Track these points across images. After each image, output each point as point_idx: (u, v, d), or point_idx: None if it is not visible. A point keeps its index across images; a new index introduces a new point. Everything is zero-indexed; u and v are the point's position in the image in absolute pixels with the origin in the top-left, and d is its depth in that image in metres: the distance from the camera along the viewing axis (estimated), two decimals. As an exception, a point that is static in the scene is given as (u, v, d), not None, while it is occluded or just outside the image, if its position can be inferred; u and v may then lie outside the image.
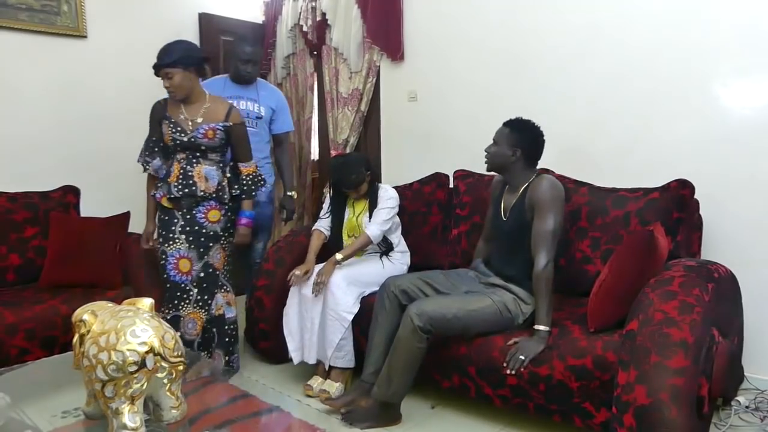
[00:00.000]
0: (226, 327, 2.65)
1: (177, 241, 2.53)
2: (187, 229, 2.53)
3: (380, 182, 2.89)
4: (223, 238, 2.61)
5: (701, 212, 2.51)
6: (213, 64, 3.98)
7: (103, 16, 3.46)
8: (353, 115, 3.77)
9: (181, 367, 1.55)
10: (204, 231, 2.55)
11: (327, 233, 2.86)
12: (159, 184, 2.58)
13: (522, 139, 2.31)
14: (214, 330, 2.62)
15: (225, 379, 2.20)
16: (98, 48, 3.45)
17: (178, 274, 2.53)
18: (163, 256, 2.54)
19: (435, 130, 3.48)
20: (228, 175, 2.62)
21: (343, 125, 3.82)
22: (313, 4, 3.93)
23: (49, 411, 1.78)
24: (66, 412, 1.75)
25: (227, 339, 2.65)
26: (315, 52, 4.06)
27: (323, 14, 3.84)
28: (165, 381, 1.53)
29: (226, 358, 2.65)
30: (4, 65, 3.16)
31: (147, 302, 1.62)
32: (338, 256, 2.65)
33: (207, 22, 3.97)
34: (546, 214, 2.20)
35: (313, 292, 2.60)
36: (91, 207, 3.16)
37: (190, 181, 2.52)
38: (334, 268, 2.62)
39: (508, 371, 2.10)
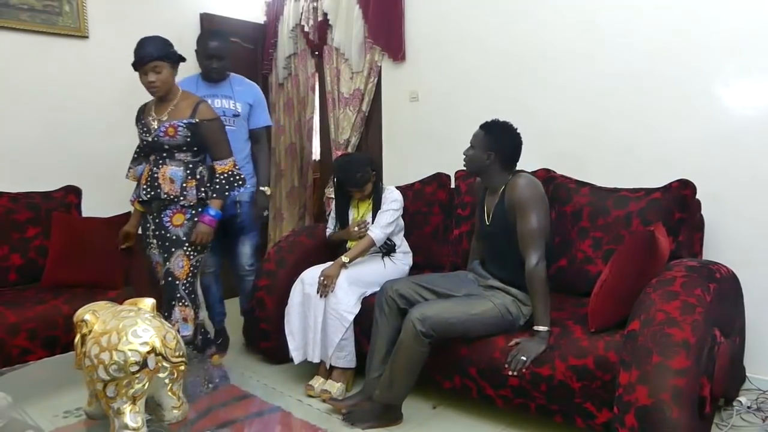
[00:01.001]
0: None
1: (151, 245, 2.53)
2: (157, 233, 2.49)
3: (382, 182, 2.90)
4: (186, 245, 2.47)
5: (703, 212, 2.50)
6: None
7: (104, 17, 3.47)
8: (354, 115, 3.77)
9: (182, 368, 1.56)
10: (168, 235, 2.46)
11: None
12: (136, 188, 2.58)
13: (496, 141, 2.29)
14: None
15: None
16: (99, 48, 3.46)
17: (160, 279, 2.55)
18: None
19: (436, 131, 3.48)
20: (198, 176, 2.50)
21: (344, 125, 3.82)
22: (315, 4, 3.93)
23: (51, 411, 1.79)
24: (68, 412, 1.76)
25: None
26: (316, 53, 4.06)
27: (325, 14, 3.84)
28: (166, 381, 1.54)
29: None
30: (6, 65, 3.16)
31: (148, 302, 1.62)
32: (344, 258, 2.65)
33: (208, 22, 3.97)
34: (527, 214, 2.19)
35: (318, 293, 2.60)
36: (92, 207, 3.16)
37: (155, 183, 2.45)
38: (340, 270, 2.63)
39: (510, 372, 2.10)
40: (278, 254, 2.96)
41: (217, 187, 2.50)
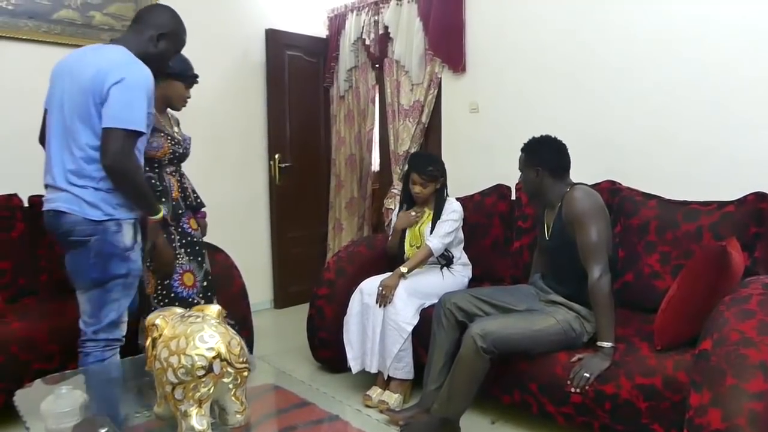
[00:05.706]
0: None
1: (178, 256, 2.47)
2: (183, 242, 2.49)
3: (447, 193, 2.89)
4: (205, 245, 2.63)
5: (782, 227, 2.37)
6: (278, 76, 4.12)
7: (176, 35, 3.63)
8: (414, 126, 3.79)
9: (246, 373, 1.60)
10: (195, 240, 2.53)
11: None
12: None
13: (537, 155, 2.29)
14: None
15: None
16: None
17: (185, 289, 2.47)
18: None
19: (497, 142, 3.44)
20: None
21: (404, 137, 3.85)
22: (376, 17, 3.99)
23: (123, 410, 1.87)
24: (138, 412, 1.83)
25: None
26: (377, 65, 4.11)
27: (385, 27, 3.89)
28: (231, 386, 1.58)
29: None
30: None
31: (215, 309, 1.67)
32: (403, 269, 2.66)
33: (273, 37, 4.10)
34: (586, 227, 2.14)
35: (377, 303, 2.61)
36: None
37: (186, 194, 2.52)
38: (399, 281, 2.64)
39: (572, 389, 2.04)
40: (338, 264, 3.00)
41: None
